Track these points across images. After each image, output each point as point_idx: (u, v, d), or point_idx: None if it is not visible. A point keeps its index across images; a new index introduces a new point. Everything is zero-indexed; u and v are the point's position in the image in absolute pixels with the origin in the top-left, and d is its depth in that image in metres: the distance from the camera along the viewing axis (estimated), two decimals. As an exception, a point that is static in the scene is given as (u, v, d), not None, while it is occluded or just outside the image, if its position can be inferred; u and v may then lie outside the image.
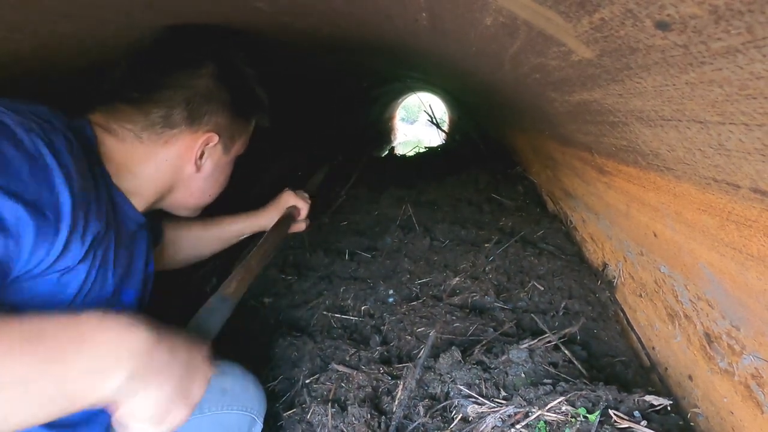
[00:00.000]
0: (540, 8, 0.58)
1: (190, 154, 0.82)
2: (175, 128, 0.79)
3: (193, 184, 0.87)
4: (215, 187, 0.93)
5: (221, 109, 0.84)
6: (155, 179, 0.81)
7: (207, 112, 0.82)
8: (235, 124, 0.89)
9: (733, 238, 0.69)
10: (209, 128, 0.83)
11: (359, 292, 1.45)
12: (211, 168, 0.88)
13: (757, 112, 0.46)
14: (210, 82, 0.82)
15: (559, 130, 1.29)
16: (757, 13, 0.35)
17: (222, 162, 0.90)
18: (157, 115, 0.77)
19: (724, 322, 0.81)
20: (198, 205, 0.94)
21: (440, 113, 6.94)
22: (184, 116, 0.79)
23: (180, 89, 0.79)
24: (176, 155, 0.81)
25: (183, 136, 0.80)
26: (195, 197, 0.90)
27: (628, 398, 0.84)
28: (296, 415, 0.98)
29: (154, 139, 0.78)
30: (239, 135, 0.92)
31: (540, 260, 1.47)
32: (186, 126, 0.80)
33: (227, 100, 0.85)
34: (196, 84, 0.80)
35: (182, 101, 0.79)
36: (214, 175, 0.90)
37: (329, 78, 2.56)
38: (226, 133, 0.87)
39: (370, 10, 1.01)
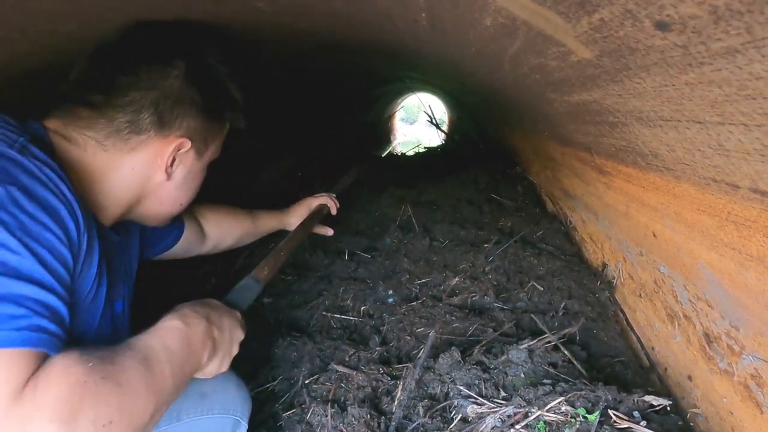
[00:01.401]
0: (539, 9, 0.58)
1: (160, 162, 0.76)
2: (143, 134, 0.72)
3: (163, 193, 0.81)
4: (187, 194, 0.87)
5: (193, 111, 0.77)
6: (121, 190, 0.75)
7: (178, 115, 0.75)
8: (209, 126, 0.83)
9: (732, 238, 0.69)
10: (180, 133, 0.76)
11: (359, 292, 1.45)
12: (183, 175, 0.82)
13: (756, 113, 0.46)
14: (180, 82, 0.75)
15: (558, 130, 1.29)
16: (756, 13, 0.35)
17: (195, 168, 0.84)
18: (123, 121, 0.70)
19: (723, 322, 0.81)
20: (169, 215, 0.88)
21: (440, 113, 6.94)
22: (153, 121, 0.72)
23: (148, 91, 0.72)
24: (145, 163, 0.75)
25: (152, 142, 0.74)
26: (165, 207, 0.84)
27: (628, 398, 0.84)
28: (296, 415, 0.98)
29: (120, 146, 0.71)
30: (213, 138, 0.86)
31: (539, 260, 1.47)
32: (155, 131, 0.73)
33: (199, 102, 0.78)
34: (165, 84, 0.73)
35: (150, 104, 0.72)
36: (186, 183, 0.84)
37: (329, 78, 2.56)
38: (199, 137, 0.81)
39: (370, 10, 1.01)
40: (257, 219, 1.29)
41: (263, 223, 1.31)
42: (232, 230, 1.23)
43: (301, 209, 1.37)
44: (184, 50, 0.78)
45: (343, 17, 1.11)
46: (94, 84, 0.71)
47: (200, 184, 0.89)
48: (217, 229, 1.19)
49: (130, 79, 0.71)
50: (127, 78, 0.71)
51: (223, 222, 1.20)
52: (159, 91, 0.73)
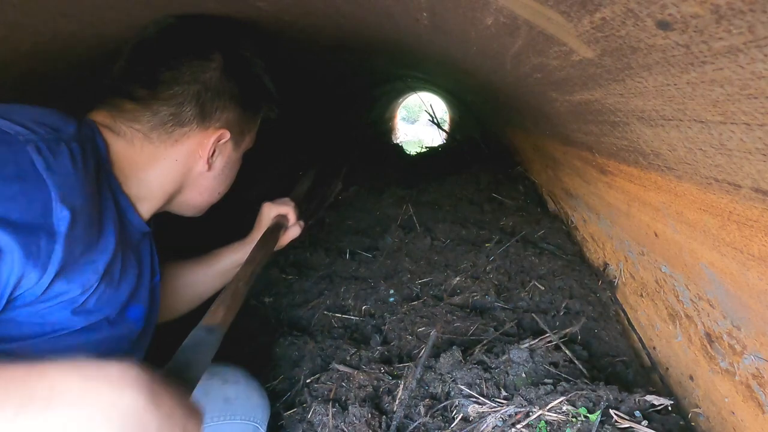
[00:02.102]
0: (541, 8, 0.58)
1: (202, 153, 0.78)
2: (186, 126, 0.75)
3: (203, 183, 0.83)
4: (224, 184, 0.89)
5: (231, 103, 0.80)
6: (166, 181, 0.77)
7: (218, 107, 0.78)
8: (245, 117, 0.85)
9: (734, 237, 0.69)
10: (220, 124, 0.79)
11: (360, 291, 1.45)
12: (222, 165, 0.84)
13: (758, 112, 0.46)
14: (219, 74, 0.77)
15: (560, 129, 1.29)
16: (758, 12, 0.35)
17: (232, 158, 0.87)
18: (167, 113, 0.73)
19: (725, 322, 0.81)
20: (207, 204, 0.89)
21: (441, 113, 6.93)
22: (195, 113, 0.75)
23: (189, 84, 0.74)
24: (187, 154, 0.77)
25: (194, 134, 0.76)
26: (204, 196, 0.86)
27: (629, 398, 0.84)
28: (297, 414, 0.98)
29: (164, 138, 0.74)
30: (249, 129, 0.88)
31: (541, 260, 1.47)
32: (197, 123, 0.76)
33: (237, 93, 0.80)
34: (205, 77, 0.76)
35: (192, 97, 0.74)
36: (225, 172, 0.86)
37: (330, 77, 2.56)
38: (237, 129, 0.83)
39: (371, 9, 1.01)
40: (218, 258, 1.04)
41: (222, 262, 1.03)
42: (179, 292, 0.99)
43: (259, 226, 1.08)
44: (221, 44, 0.79)
45: (343, 16, 1.11)
46: (138, 78, 0.72)
47: (236, 173, 0.91)
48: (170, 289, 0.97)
49: (173, 73, 0.73)
50: (170, 72, 0.73)
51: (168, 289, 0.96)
52: (200, 84, 0.75)
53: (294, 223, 1.10)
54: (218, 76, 0.77)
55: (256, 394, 0.96)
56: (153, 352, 0.82)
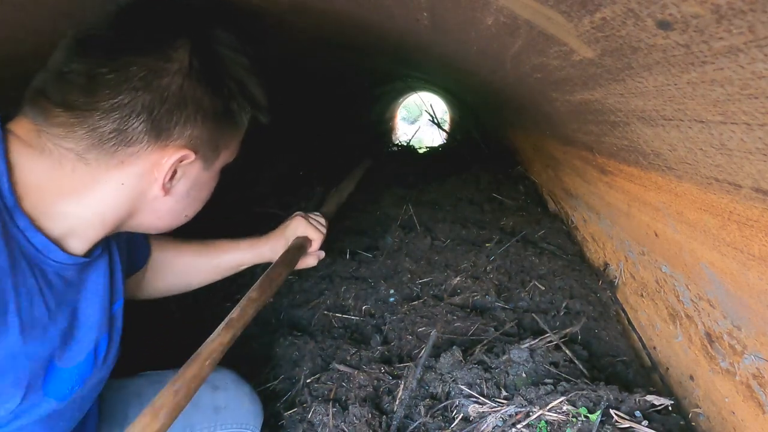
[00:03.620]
0: (541, 8, 0.58)
1: (157, 174, 0.62)
2: (133, 146, 0.58)
3: (161, 207, 0.67)
4: (193, 206, 0.73)
5: (199, 116, 0.62)
6: (106, 210, 0.61)
7: (178, 122, 0.60)
8: (220, 132, 0.67)
9: (734, 237, 0.69)
10: (182, 142, 0.62)
11: (360, 291, 1.45)
12: (187, 188, 0.68)
13: (758, 112, 0.46)
14: (182, 79, 0.60)
15: (560, 129, 1.29)
16: (759, 12, 0.35)
17: (202, 179, 0.70)
18: (108, 129, 0.56)
19: (725, 321, 0.81)
20: (170, 227, 0.73)
21: (441, 113, 6.93)
22: (146, 129, 0.58)
23: (139, 91, 0.56)
24: (136, 177, 0.61)
25: (145, 154, 0.60)
26: (166, 220, 0.70)
27: (629, 398, 0.84)
28: (297, 414, 0.99)
29: (105, 160, 0.57)
30: (226, 143, 0.71)
31: (541, 260, 1.47)
32: (149, 141, 0.59)
33: (207, 104, 0.63)
34: (161, 83, 0.58)
35: (143, 109, 0.57)
36: (192, 194, 0.70)
37: (330, 77, 2.56)
38: (207, 146, 0.66)
39: (371, 9, 1.01)
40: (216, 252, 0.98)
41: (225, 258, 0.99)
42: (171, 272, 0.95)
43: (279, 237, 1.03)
44: (189, 38, 0.61)
45: (343, 16, 1.11)
46: (74, 80, 0.55)
47: (211, 192, 0.75)
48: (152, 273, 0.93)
49: (119, 75, 0.55)
50: (115, 74, 0.55)
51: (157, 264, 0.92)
52: (154, 92, 0.58)
53: (315, 252, 1.05)
54: (180, 82, 0.59)
55: (247, 399, 0.93)
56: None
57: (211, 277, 0.99)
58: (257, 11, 0.95)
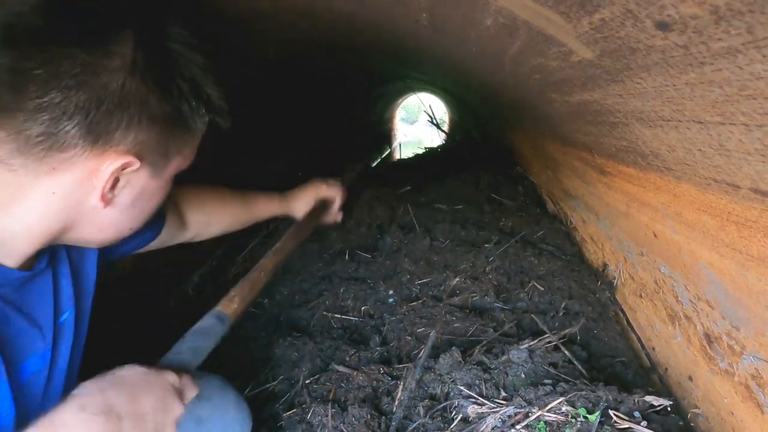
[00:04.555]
0: (540, 9, 0.58)
1: (96, 182, 0.55)
2: (66, 151, 0.51)
3: (102, 220, 0.60)
4: (140, 217, 0.66)
5: (144, 118, 0.55)
6: (36, 222, 0.54)
7: (119, 125, 0.53)
8: (170, 136, 0.61)
9: (733, 238, 0.69)
10: (125, 147, 0.55)
11: (359, 292, 1.45)
12: (132, 198, 0.61)
13: (757, 113, 0.46)
14: (124, 76, 0.53)
15: (559, 130, 1.29)
16: (757, 13, 0.35)
17: (150, 187, 0.63)
18: (36, 132, 0.49)
19: (724, 322, 0.81)
20: (113, 240, 0.67)
21: (440, 114, 6.94)
22: (80, 133, 0.51)
23: (72, 90, 0.49)
24: (71, 186, 0.54)
25: (81, 160, 0.53)
26: (106, 233, 0.63)
27: (628, 399, 0.84)
28: (296, 415, 0.98)
29: (33, 166, 0.51)
30: (178, 149, 0.64)
31: (540, 260, 1.47)
32: (85, 146, 0.52)
33: (154, 105, 0.56)
34: (100, 81, 0.51)
35: (77, 110, 0.50)
36: (138, 205, 0.63)
37: (329, 77, 2.56)
38: (155, 152, 0.60)
39: (370, 10, 1.01)
40: (251, 204, 1.11)
41: (259, 209, 1.12)
42: (218, 217, 1.04)
43: (307, 195, 1.17)
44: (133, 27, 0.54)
45: (343, 17, 1.11)
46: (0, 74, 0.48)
47: (162, 200, 0.68)
48: (201, 215, 0.99)
49: (48, 70, 0.48)
50: (44, 69, 0.48)
51: (207, 207, 1.01)
52: (90, 90, 0.51)
53: (337, 211, 1.19)
54: (122, 80, 0.53)
55: (232, 407, 0.90)
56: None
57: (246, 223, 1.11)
58: (257, 11, 0.95)
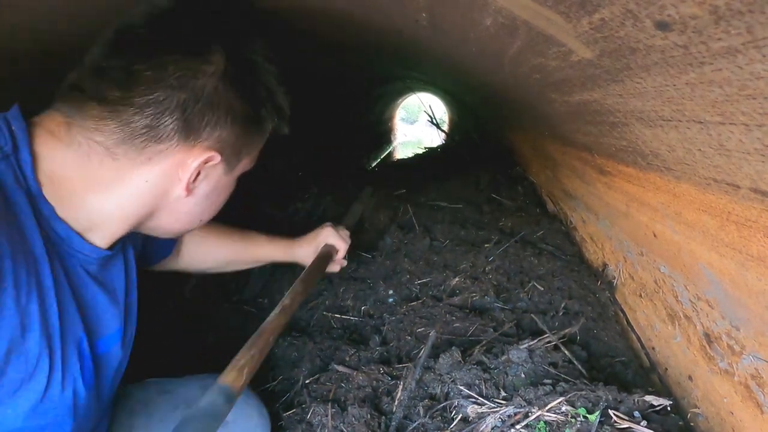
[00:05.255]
0: (540, 8, 0.58)
1: (182, 175, 0.63)
2: (163, 143, 0.59)
3: (181, 209, 0.68)
4: (210, 210, 0.74)
5: (228, 119, 0.64)
6: (129, 206, 0.62)
7: (209, 123, 0.62)
8: (245, 137, 0.69)
9: (733, 238, 0.69)
10: (210, 144, 0.63)
11: (359, 292, 1.45)
12: (208, 190, 0.69)
13: (756, 113, 0.46)
14: (216, 81, 0.61)
15: (559, 130, 1.29)
16: (757, 13, 0.35)
17: (222, 183, 0.71)
18: (140, 125, 0.57)
19: (723, 322, 0.81)
20: (185, 231, 0.76)
21: (440, 113, 6.94)
22: (177, 128, 0.59)
23: (175, 90, 0.58)
24: (162, 176, 0.62)
25: (173, 153, 0.61)
26: (181, 223, 0.71)
27: (628, 398, 0.84)
28: (296, 415, 0.98)
29: (133, 156, 0.58)
30: (248, 150, 0.72)
31: (540, 260, 1.47)
32: (178, 140, 0.60)
33: (237, 108, 0.65)
34: (197, 84, 0.59)
35: (177, 107, 0.58)
36: (211, 198, 0.71)
37: (329, 77, 2.56)
38: (232, 149, 0.67)
39: (370, 10, 1.01)
40: (253, 245, 1.10)
41: (262, 251, 1.11)
42: (213, 253, 1.04)
43: (315, 243, 1.16)
44: (225, 42, 0.63)
45: (343, 17, 1.11)
46: (110, 74, 0.56)
47: (227, 198, 0.76)
48: (194, 247, 1.01)
49: (156, 73, 0.57)
50: (153, 71, 0.56)
51: (204, 241, 1.02)
52: (189, 91, 0.59)
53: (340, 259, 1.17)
54: (215, 84, 0.61)
55: (255, 413, 0.92)
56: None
57: (244, 265, 1.12)
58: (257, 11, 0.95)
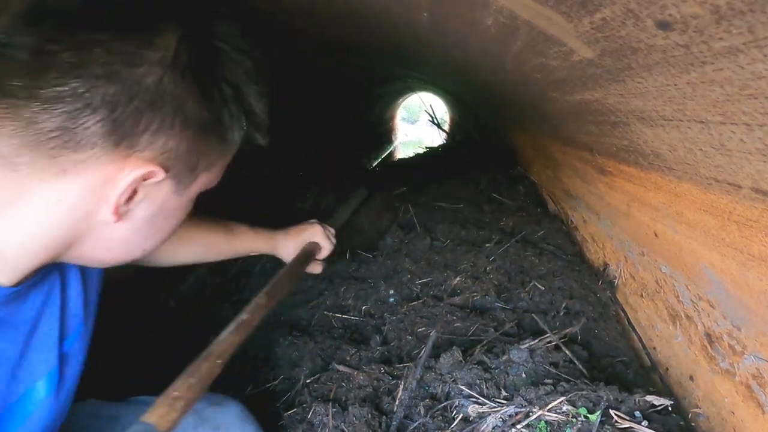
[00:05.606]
0: (541, 8, 0.58)
1: (111, 193, 0.47)
2: (82, 151, 0.44)
3: (112, 236, 0.52)
4: (155, 238, 0.57)
5: (178, 122, 0.48)
6: (37, 232, 0.46)
7: (149, 127, 0.46)
8: (202, 147, 0.53)
9: (734, 238, 0.69)
10: (150, 155, 0.47)
11: (360, 291, 1.45)
12: (149, 214, 0.53)
13: (758, 112, 0.46)
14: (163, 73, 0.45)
15: (560, 130, 1.29)
16: (758, 12, 0.35)
17: (170, 205, 0.54)
18: (51, 126, 0.42)
19: (725, 322, 0.81)
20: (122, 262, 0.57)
21: (441, 113, 6.94)
22: (103, 131, 0.43)
23: (101, 81, 0.42)
24: (82, 193, 0.46)
25: (98, 164, 0.45)
26: (116, 253, 0.55)
27: (629, 398, 0.84)
28: (297, 414, 0.98)
29: (41, 165, 0.43)
30: (207, 164, 0.55)
31: (541, 260, 1.47)
32: (105, 148, 0.45)
33: (191, 109, 0.49)
34: (135, 74, 0.44)
35: (103, 105, 0.43)
36: (155, 224, 0.55)
37: (330, 77, 2.56)
38: (183, 163, 0.51)
39: (371, 9, 1.01)
40: (234, 236, 1.00)
41: (242, 243, 1.02)
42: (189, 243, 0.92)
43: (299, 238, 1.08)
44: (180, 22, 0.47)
45: (344, 16, 1.11)
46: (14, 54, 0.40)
47: (180, 221, 0.59)
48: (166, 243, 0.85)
49: (75, 56, 0.41)
50: (71, 54, 0.41)
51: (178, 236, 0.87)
52: (121, 83, 0.43)
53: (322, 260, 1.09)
54: (159, 76, 0.45)
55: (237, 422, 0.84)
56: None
57: (224, 256, 1.02)
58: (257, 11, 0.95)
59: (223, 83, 0.52)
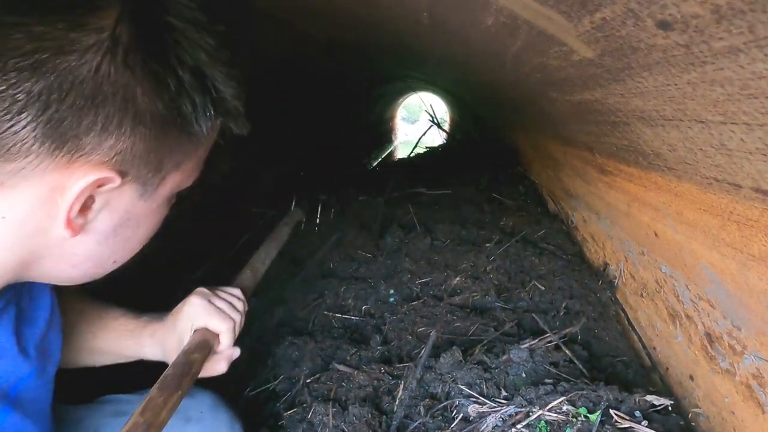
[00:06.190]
0: (541, 8, 0.58)
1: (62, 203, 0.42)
2: (16, 159, 0.38)
3: (75, 251, 0.47)
4: (126, 247, 0.51)
5: (128, 118, 0.41)
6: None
7: (93, 126, 0.39)
8: (165, 144, 0.46)
9: (734, 238, 0.69)
10: (100, 158, 0.41)
11: (360, 291, 1.45)
12: (114, 224, 0.47)
13: (758, 112, 0.46)
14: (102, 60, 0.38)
15: (560, 129, 1.29)
16: (758, 12, 0.35)
17: (138, 211, 0.49)
18: None
19: (725, 322, 0.81)
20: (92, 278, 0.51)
21: (441, 113, 6.94)
22: (35, 135, 0.38)
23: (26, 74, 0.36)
24: (27, 207, 0.41)
25: (36, 174, 0.40)
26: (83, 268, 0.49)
27: (629, 398, 0.84)
28: (297, 414, 0.98)
29: None
30: (174, 162, 0.49)
31: (541, 260, 1.47)
32: (44, 153, 0.39)
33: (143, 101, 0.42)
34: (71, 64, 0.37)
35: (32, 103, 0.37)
36: (122, 233, 0.49)
37: (330, 77, 2.56)
38: (144, 164, 0.45)
39: (371, 9, 1.01)
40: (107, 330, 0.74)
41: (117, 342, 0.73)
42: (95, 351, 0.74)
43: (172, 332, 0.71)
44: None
45: (344, 16, 1.11)
46: None
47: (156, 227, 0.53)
48: None
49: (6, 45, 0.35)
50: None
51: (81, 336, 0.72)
52: (50, 75, 0.37)
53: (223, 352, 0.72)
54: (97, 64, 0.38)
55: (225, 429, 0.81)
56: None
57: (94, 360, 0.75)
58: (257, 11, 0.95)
59: (179, 67, 0.43)
